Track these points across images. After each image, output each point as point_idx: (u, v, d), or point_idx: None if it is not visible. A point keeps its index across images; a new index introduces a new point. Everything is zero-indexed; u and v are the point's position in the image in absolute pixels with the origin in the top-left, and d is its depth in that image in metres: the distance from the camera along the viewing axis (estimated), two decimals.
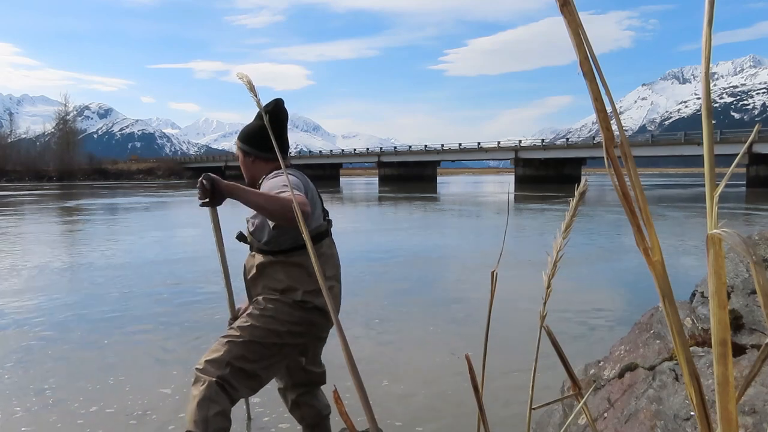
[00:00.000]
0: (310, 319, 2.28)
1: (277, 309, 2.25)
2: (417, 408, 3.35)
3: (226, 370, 2.12)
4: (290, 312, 2.25)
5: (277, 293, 2.27)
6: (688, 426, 1.59)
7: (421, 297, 6.37)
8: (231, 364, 2.14)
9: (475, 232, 14.32)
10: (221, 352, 2.16)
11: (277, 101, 2.37)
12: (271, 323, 2.23)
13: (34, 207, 24.42)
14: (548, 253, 0.60)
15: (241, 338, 2.20)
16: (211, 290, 6.50)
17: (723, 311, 0.39)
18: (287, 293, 2.26)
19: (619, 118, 0.43)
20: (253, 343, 2.20)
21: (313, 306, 2.26)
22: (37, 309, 5.79)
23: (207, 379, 2.11)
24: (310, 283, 2.26)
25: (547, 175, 52.21)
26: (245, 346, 2.19)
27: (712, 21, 0.40)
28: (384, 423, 3.08)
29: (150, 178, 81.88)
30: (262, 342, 2.21)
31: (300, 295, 2.25)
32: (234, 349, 2.17)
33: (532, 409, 0.69)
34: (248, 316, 2.27)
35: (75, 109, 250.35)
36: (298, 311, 2.26)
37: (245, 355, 2.18)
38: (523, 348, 4.23)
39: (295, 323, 2.26)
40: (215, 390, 2.09)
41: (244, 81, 0.71)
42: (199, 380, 2.13)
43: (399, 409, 3.32)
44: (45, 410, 3.33)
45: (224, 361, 2.14)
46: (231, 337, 2.21)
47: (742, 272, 2.30)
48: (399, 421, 3.16)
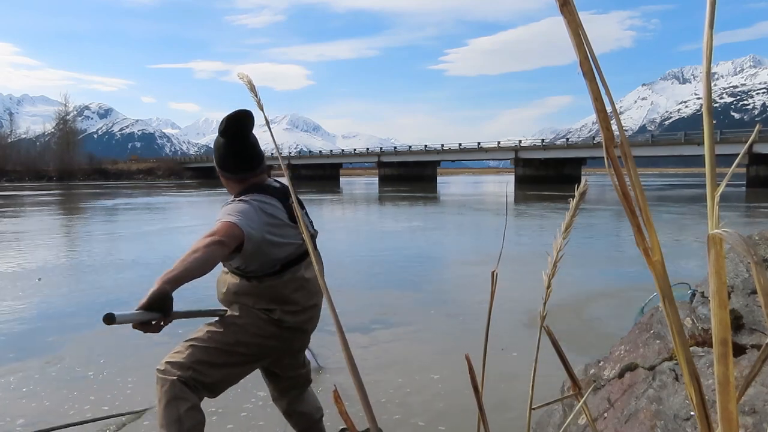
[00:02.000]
0: (282, 335, 2.22)
1: (251, 322, 2.18)
2: (417, 408, 3.35)
3: (188, 372, 2.06)
4: (263, 326, 2.18)
5: (254, 308, 2.20)
6: (688, 426, 1.59)
7: (421, 297, 6.37)
8: (193, 368, 2.07)
9: (474, 232, 14.32)
10: (184, 355, 2.09)
11: (229, 118, 2.19)
12: (242, 334, 2.16)
13: (86, 206, 24.52)
14: (548, 253, 0.60)
15: (206, 343, 2.13)
16: None
17: (724, 311, 0.39)
18: (262, 311, 2.20)
19: (619, 118, 0.43)
20: (218, 350, 2.13)
21: (289, 326, 2.21)
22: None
23: (168, 378, 2.04)
24: (286, 305, 2.20)
25: (547, 175, 52.20)
26: (209, 351, 2.12)
27: (713, 22, 0.40)
28: (384, 423, 3.08)
29: (150, 178, 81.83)
30: (227, 350, 2.14)
31: (278, 314, 2.19)
32: (197, 354, 2.10)
33: (532, 409, 0.69)
34: (218, 322, 2.20)
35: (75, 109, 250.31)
36: (272, 327, 2.19)
37: (209, 361, 2.10)
38: (523, 348, 4.24)
39: (267, 337, 2.20)
40: (179, 387, 2.03)
41: (244, 81, 0.71)
42: (159, 381, 2.07)
43: (399, 408, 3.32)
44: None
45: (186, 365, 2.07)
46: (196, 341, 2.14)
47: (742, 272, 2.30)
48: (399, 420, 3.16)
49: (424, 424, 3.13)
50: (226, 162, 2.27)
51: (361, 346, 4.46)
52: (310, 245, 0.57)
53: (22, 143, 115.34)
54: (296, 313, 2.23)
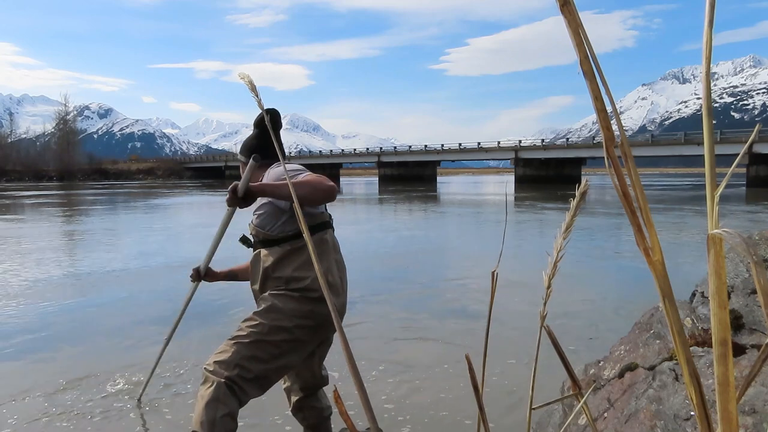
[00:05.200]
0: (319, 311, 2.22)
1: (284, 303, 2.20)
2: (417, 407, 3.35)
3: (235, 371, 2.09)
4: (297, 305, 2.20)
5: (282, 287, 2.23)
6: (688, 426, 1.59)
7: (421, 296, 6.37)
8: (240, 365, 2.10)
9: (475, 231, 14.32)
10: (230, 353, 2.13)
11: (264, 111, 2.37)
12: (278, 319, 2.18)
13: (125, 206, 24.52)
14: (548, 253, 0.60)
15: (249, 338, 2.16)
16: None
17: (724, 311, 0.39)
18: (293, 283, 2.21)
19: (619, 118, 0.43)
20: (261, 342, 2.16)
21: (320, 296, 2.21)
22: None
23: (215, 379, 2.08)
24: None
25: (547, 175, 52.20)
26: (253, 345, 2.15)
27: (713, 22, 0.40)
28: (384, 423, 3.08)
29: (150, 178, 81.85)
30: (270, 340, 2.16)
31: (307, 283, 2.20)
32: (242, 350, 2.14)
33: (532, 409, 0.69)
34: (255, 314, 2.23)
35: (75, 109, 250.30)
36: (306, 304, 2.21)
37: (255, 355, 2.14)
38: (523, 348, 4.24)
39: (304, 317, 2.20)
40: (224, 391, 2.07)
41: (245, 81, 0.71)
42: (207, 381, 2.11)
43: (398, 409, 3.32)
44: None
45: (233, 363, 2.11)
46: (239, 338, 2.18)
47: (742, 272, 2.30)
48: (399, 420, 3.16)
49: (424, 424, 3.13)
50: (255, 149, 2.36)
51: (361, 346, 4.46)
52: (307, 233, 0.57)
53: (22, 143, 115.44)
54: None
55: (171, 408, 3.34)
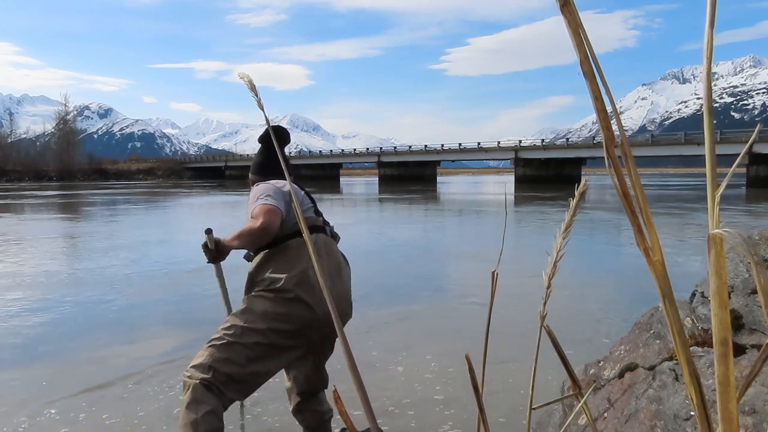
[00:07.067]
0: (297, 314, 2.18)
1: (257, 304, 2.20)
2: (417, 407, 3.35)
3: (209, 373, 2.08)
4: (271, 307, 2.18)
5: (260, 289, 2.23)
6: (688, 426, 1.59)
7: (423, 296, 6.37)
8: (213, 368, 2.09)
9: (475, 231, 14.32)
10: (204, 357, 2.13)
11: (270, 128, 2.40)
12: (251, 321, 2.17)
13: (157, 207, 24.51)
14: (548, 253, 0.60)
15: (222, 340, 2.15)
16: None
17: (724, 311, 0.39)
18: (269, 284, 2.20)
19: (619, 118, 0.43)
20: (234, 345, 2.14)
21: (295, 296, 2.17)
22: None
23: (192, 383, 2.08)
24: (292, 270, 2.19)
25: (547, 175, 52.19)
26: (226, 348, 2.13)
27: (714, 22, 0.40)
28: (384, 423, 3.08)
29: (150, 178, 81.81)
30: (243, 342, 2.14)
31: (281, 283, 2.18)
32: (215, 353, 2.13)
33: (532, 409, 0.69)
34: (230, 317, 2.24)
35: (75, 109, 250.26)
36: (281, 306, 2.17)
37: (228, 358, 2.12)
38: (523, 348, 4.23)
39: (279, 319, 2.17)
40: (201, 391, 2.06)
41: (245, 81, 0.70)
42: (185, 386, 2.11)
43: (398, 409, 3.32)
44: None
45: (207, 365, 2.10)
46: (213, 341, 2.17)
47: (743, 272, 2.30)
48: (399, 421, 3.16)
49: (424, 424, 3.13)
50: (259, 167, 2.53)
51: (361, 345, 4.46)
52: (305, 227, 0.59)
53: (22, 143, 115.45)
54: (305, 288, 2.21)
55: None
